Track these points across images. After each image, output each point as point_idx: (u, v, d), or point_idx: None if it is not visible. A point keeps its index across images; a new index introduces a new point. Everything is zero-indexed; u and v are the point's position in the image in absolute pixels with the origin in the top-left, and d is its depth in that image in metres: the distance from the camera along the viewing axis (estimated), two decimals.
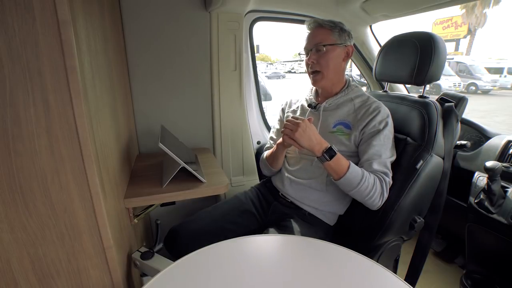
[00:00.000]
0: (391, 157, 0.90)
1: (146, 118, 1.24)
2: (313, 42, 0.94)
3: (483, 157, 1.21)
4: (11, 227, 0.57)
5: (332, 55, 0.93)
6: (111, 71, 0.87)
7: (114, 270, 0.70)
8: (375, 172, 0.87)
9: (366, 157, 0.89)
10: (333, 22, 0.94)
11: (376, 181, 0.86)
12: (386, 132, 0.89)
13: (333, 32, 0.93)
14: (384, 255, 0.93)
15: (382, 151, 0.88)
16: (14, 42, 0.49)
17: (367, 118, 0.91)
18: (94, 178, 0.60)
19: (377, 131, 0.89)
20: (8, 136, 0.53)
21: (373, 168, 0.87)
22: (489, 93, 11.49)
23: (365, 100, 0.96)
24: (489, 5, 17.05)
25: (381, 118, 0.90)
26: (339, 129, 0.95)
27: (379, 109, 0.91)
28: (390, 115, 0.92)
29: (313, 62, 0.95)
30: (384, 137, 0.89)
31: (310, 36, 0.96)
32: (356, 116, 0.94)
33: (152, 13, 1.13)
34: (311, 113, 1.03)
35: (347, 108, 0.97)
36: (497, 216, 1.01)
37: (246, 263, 0.62)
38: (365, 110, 0.93)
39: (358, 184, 0.84)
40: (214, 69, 1.27)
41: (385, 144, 0.89)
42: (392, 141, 0.92)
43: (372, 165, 0.87)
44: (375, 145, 0.88)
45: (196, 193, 0.89)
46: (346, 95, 0.98)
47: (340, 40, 0.94)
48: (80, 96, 0.55)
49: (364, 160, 0.90)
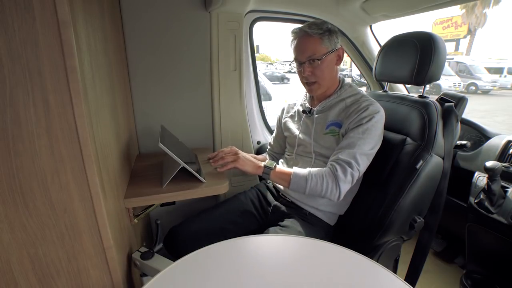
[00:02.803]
0: (367, 153, 0.87)
1: (146, 118, 1.24)
2: (305, 55, 0.92)
3: (483, 157, 1.21)
4: (11, 227, 0.57)
5: (326, 65, 0.93)
6: (111, 71, 0.87)
7: (114, 270, 0.70)
8: (337, 160, 0.86)
9: (339, 146, 0.89)
10: (320, 28, 0.90)
11: (325, 176, 0.85)
12: (368, 126, 0.87)
13: (323, 40, 0.90)
14: (384, 255, 0.93)
15: (357, 144, 0.86)
16: (14, 42, 0.49)
17: (354, 114, 0.90)
18: (94, 178, 0.60)
19: (358, 125, 0.88)
20: (8, 136, 0.53)
21: (338, 156, 0.86)
22: (489, 93, 11.48)
23: (357, 98, 0.95)
24: (489, 5, 17.06)
25: (366, 114, 0.88)
26: (331, 130, 0.96)
27: (368, 107, 0.89)
28: (380, 113, 0.89)
29: (309, 74, 0.94)
30: (364, 131, 0.87)
31: (300, 47, 0.93)
32: (346, 113, 0.93)
33: (152, 13, 1.13)
34: (306, 118, 1.04)
35: (339, 107, 0.96)
36: (497, 216, 1.01)
37: (246, 263, 0.62)
38: (354, 108, 0.92)
39: (307, 184, 0.86)
40: (214, 69, 1.26)
41: (363, 137, 0.86)
42: (375, 137, 0.88)
43: (338, 154, 0.87)
44: (351, 137, 0.87)
45: (196, 193, 0.89)
46: (338, 97, 0.98)
47: (331, 45, 0.92)
48: (80, 96, 0.55)
49: (336, 150, 0.89)
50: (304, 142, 1.02)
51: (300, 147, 1.04)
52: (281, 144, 1.21)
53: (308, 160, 1.00)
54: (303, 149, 1.03)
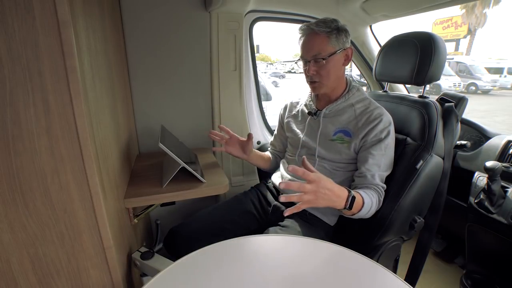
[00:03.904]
0: (390, 168, 0.90)
1: (146, 118, 1.24)
2: (310, 53, 0.90)
3: (483, 157, 1.21)
4: (11, 227, 0.57)
5: (332, 65, 0.90)
6: (111, 71, 0.87)
7: (114, 270, 0.70)
8: (376, 185, 0.87)
9: (367, 166, 0.88)
10: (328, 26, 0.87)
11: (377, 198, 0.86)
12: (388, 141, 0.88)
13: (330, 39, 0.88)
14: (384, 255, 0.93)
15: (382, 161, 0.87)
16: (14, 42, 0.49)
17: (368, 126, 0.89)
18: (94, 178, 0.60)
19: (378, 140, 0.87)
20: (8, 136, 0.53)
21: (376, 181, 0.87)
22: (489, 93, 11.48)
23: (366, 105, 0.93)
24: (489, 5, 17.06)
25: (383, 127, 0.88)
26: (339, 137, 0.94)
27: (381, 117, 0.88)
28: (392, 123, 0.90)
29: (314, 73, 0.92)
30: (385, 147, 0.87)
31: (306, 44, 0.91)
32: (357, 123, 0.91)
33: (152, 13, 1.13)
34: (311, 120, 1.02)
35: (348, 114, 0.94)
36: (497, 216, 1.01)
37: (246, 263, 0.62)
38: (366, 117, 0.90)
39: (368, 212, 0.84)
40: (214, 69, 1.27)
41: (386, 154, 0.88)
42: (392, 149, 0.91)
43: (374, 177, 0.87)
44: (375, 155, 0.87)
45: (196, 193, 0.89)
46: (346, 101, 0.96)
47: (338, 45, 0.89)
48: (80, 96, 0.55)
49: (365, 169, 0.88)
50: (307, 145, 1.00)
51: (304, 149, 1.02)
52: (283, 142, 1.19)
53: (311, 162, 0.98)
54: (306, 151, 1.01)
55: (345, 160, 0.94)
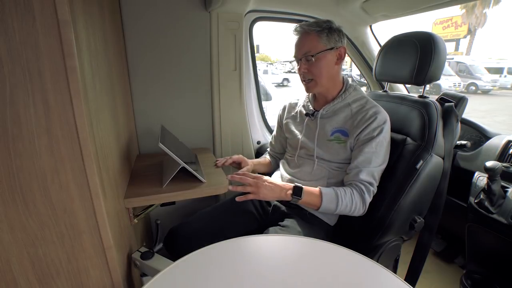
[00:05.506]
0: (382, 165, 0.90)
1: (146, 118, 1.24)
2: (301, 52, 0.92)
3: (483, 157, 1.21)
4: (11, 227, 0.57)
5: (323, 63, 0.91)
6: (111, 71, 0.87)
7: (114, 270, 0.70)
8: (360, 181, 0.87)
9: (356, 163, 0.89)
10: (319, 26, 0.89)
11: (353, 196, 0.86)
12: (380, 139, 0.88)
13: (320, 37, 0.89)
14: (384, 255, 0.93)
15: (372, 159, 0.87)
16: (14, 42, 0.49)
17: (362, 125, 0.89)
18: (94, 178, 0.60)
19: (370, 138, 0.88)
20: (8, 136, 0.53)
21: (360, 177, 0.87)
22: (489, 93, 11.48)
23: (363, 104, 0.94)
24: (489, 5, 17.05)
25: (376, 125, 0.88)
26: (336, 137, 0.95)
27: (376, 116, 0.89)
28: (387, 121, 0.90)
29: (305, 71, 0.93)
30: (376, 144, 0.87)
31: (298, 43, 0.93)
32: (353, 122, 0.92)
33: (152, 13, 1.13)
34: (309, 121, 1.03)
35: (344, 114, 0.95)
36: (497, 216, 1.01)
37: (246, 263, 0.62)
38: (362, 116, 0.91)
39: (337, 206, 0.86)
40: (214, 69, 1.27)
41: (377, 151, 0.88)
42: (386, 148, 0.90)
43: (359, 174, 0.87)
44: (366, 152, 0.88)
45: (196, 193, 0.89)
46: (343, 100, 0.96)
47: (329, 44, 0.90)
48: (80, 96, 0.55)
49: (353, 166, 0.89)
50: (306, 146, 1.01)
51: (303, 150, 1.03)
52: (282, 143, 1.20)
53: (310, 162, 0.99)
54: (305, 152, 1.02)
55: (343, 160, 0.94)
